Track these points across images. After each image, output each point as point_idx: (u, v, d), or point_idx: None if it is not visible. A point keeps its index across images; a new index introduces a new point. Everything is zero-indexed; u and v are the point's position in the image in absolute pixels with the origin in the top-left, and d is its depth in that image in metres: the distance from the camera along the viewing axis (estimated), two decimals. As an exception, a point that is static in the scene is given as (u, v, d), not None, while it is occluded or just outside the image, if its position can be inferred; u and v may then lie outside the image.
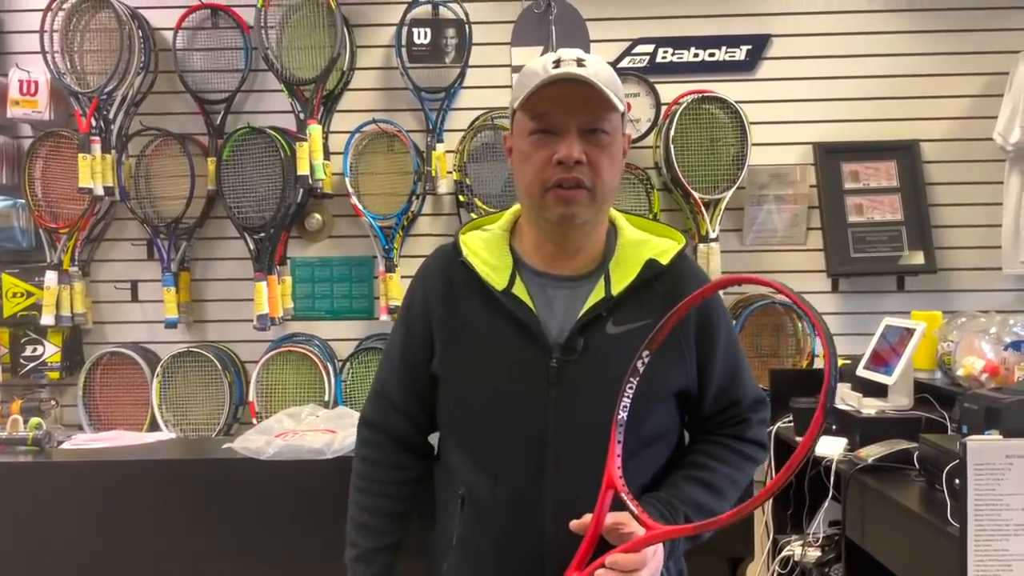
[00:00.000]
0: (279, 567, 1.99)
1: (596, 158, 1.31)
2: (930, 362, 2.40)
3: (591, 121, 1.31)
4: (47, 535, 2.00)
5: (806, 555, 2.33)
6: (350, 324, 3.29)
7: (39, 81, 3.13)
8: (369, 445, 1.51)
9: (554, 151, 1.30)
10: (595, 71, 1.31)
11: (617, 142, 1.36)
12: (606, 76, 1.32)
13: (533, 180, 1.33)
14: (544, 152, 1.31)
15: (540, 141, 1.32)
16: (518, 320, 1.35)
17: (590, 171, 1.31)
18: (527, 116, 1.33)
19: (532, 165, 1.33)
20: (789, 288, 1.15)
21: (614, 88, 1.32)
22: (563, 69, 1.29)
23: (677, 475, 1.40)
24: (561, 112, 1.31)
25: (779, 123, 3.20)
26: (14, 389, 3.21)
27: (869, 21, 3.20)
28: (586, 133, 1.31)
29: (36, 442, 2.15)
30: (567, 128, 1.31)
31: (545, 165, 1.31)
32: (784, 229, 3.22)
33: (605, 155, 1.33)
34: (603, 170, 1.32)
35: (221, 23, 3.20)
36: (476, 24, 3.14)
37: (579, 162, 1.30)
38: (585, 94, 1.29)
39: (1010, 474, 1.50)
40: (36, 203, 3.17)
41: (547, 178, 1.32)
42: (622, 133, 1.39)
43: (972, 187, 3.17)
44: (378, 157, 3.22)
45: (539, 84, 1.30)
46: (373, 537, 1.47)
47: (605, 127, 1.32)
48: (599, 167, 1.32)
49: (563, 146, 1.30)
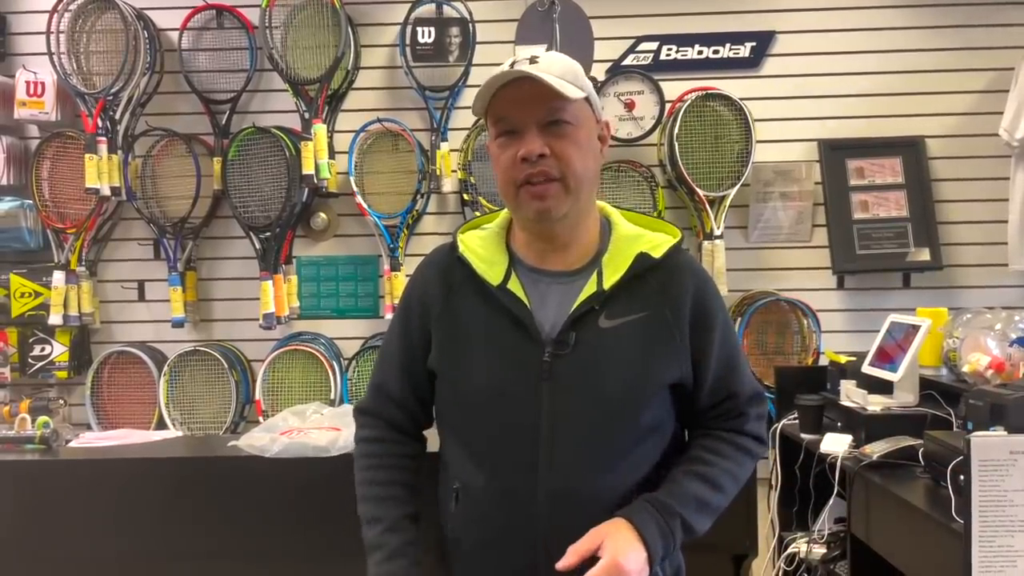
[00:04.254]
0: (284, 564, 2.00)
1: (561, 148, 1.33)
2: (935, 359, 2.40)
3: (547, 114, 1.33)
4: (55, 532, 2.02)
5: (812, 552, 2.33)
6: (355, 323, 3.30)
7: (45, 82, 3.14)
8: (368, 427, 1.52)
9: (518, 150, 1.33)
10: (547, 65, 1.33)
11: (583, 130, 1.37)
12: (560, 68, 1.34)
13: (505, 181, 1.37)
14: (510, 152, 1.34)
15: (506, 143, 1.35)
16: (512, 315, 1.37)
17: (557, 162, 1.33)
18: (491, 121, 1.38)
19: (502, 166, 1.36)
20: None
21: (570, 78, 1.34)
22: (515, 68, 1.32)
23: (677, 471, 1.40)
24: (518, 111, 1.33)
25: (784, 120, 3.19)
26: (22, 388, 3.22)
27: (873, 17, 3.19)
28: (546, 126, 1.33)
29: (44, 440, 2.16)
30: (526, 125, 1.33)
31: (512, 164, 1.34)
32: (789, 226, 3.22)
33: (570, 143, 1.34)
34: (571, 159, 1.34)
35: (226, 23, 3.21)
36: (480, 23, 3.14)
37: (543, 155, 1.32)
38: (536, 90, 1.31)
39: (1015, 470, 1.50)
40: (43, 203, 3.18)
41: (516, 176, 1.34)
42: (595, 120, 1.40)
43: (978, 183, 3.16)
44: (383, 156, 3.23)
45: (493, 88, 1.33)
46: (397, 506, 1.45)
47: (564, 117, 1.34)
48: (567, 157, 1.33)
49: (524, 144, 1.32)
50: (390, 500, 1.45)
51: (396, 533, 1.43)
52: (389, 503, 1.45)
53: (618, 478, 1.35)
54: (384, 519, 1.44)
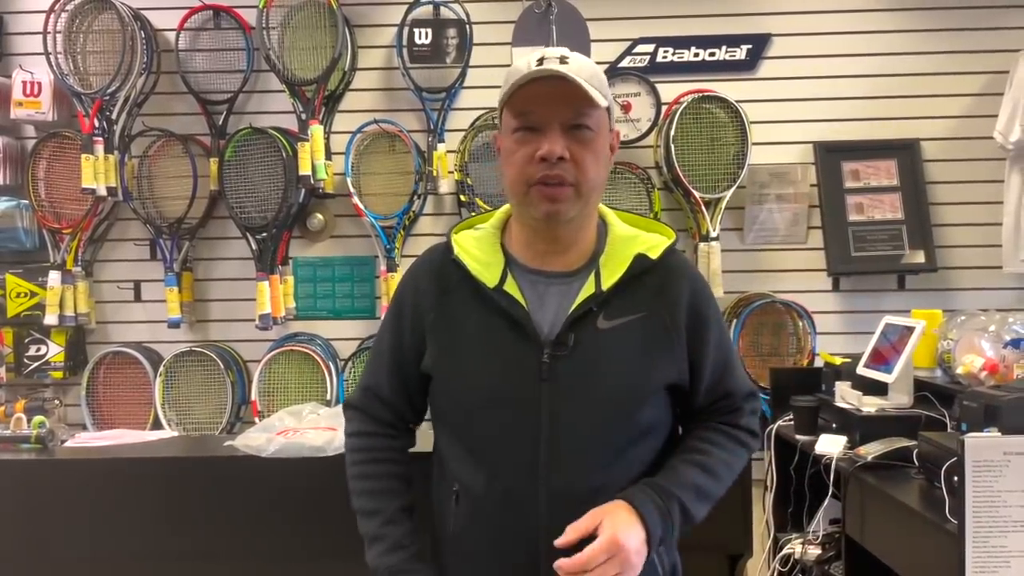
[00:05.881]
0: (280, 564, 2.00)
1: (579, 154, 1.32)
2: (930, 360, 2.40)
3: (573, 117, 1.32)
4: (50, 533, 2.01)
5: (806, 553, 2.34)
6: (352, 323, 3.30)
7: (42, 82, 3.14)
8: (358, 422, 1.52)
9: (537, 148, 1.31)
10: (578, 68, 1.32)
11: (601, 138, 1.37)
12: (589, 72, 1.33)
13: (517, 177, 1.35)
14: (527, 149, 1.32)
15: (524, 138, 1.33)
16: (510, 317, 1.36)
17: (574, 167, 1.32)
18: (511, 114, 1.35)
19: (516, 162, 1.34)
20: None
21: (597, 84, 1.33)
22: (545, 66, 1.31)
23: (674, 459, 1.41)
24: (543, 109, 1.32)
25: (779, 122, 3.20)
26: (18, 388, 3.22)
27: (869, 20, 3.20)
28: (569, 129, 1.32)
29: (39, 440, 2.16)
30: (550, 124, 1.32)
31: (528, 162, 1.32)
32: (785, 228, 3.22)
33: (589, 151, 1.33)
34: (587, 166, 1.33)
35: (223, 24, 3.21)
36: (477, 24, 3.15)
37: (562, 158, 1.31)
38: (567, 90, 1.30)
39: (1008, 471, 1.51)
40: (39, 204, 3.18)
41: (531, 175, 1.33)
42: (609, 129, 1.40)
43: (972, 186, 3.17)
44: (379, 157, 3.23)
45: (522, 81, 1.31)
46: (394, 498, 1.45)
47: (588, 123, 1.33)
48: (583, 163, 1.33)
49: (546, 142, 1.31)
50: (387, 492, 1.45)
51: (396, 524, 1.42)
52: (386, 495, 1.45)
53: (617, 478, 1.35)
54: (382, 511, 1.43)
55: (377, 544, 1.41)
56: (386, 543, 1.41)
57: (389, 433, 1.50)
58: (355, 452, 1.50)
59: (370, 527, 1.43)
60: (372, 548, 1.42)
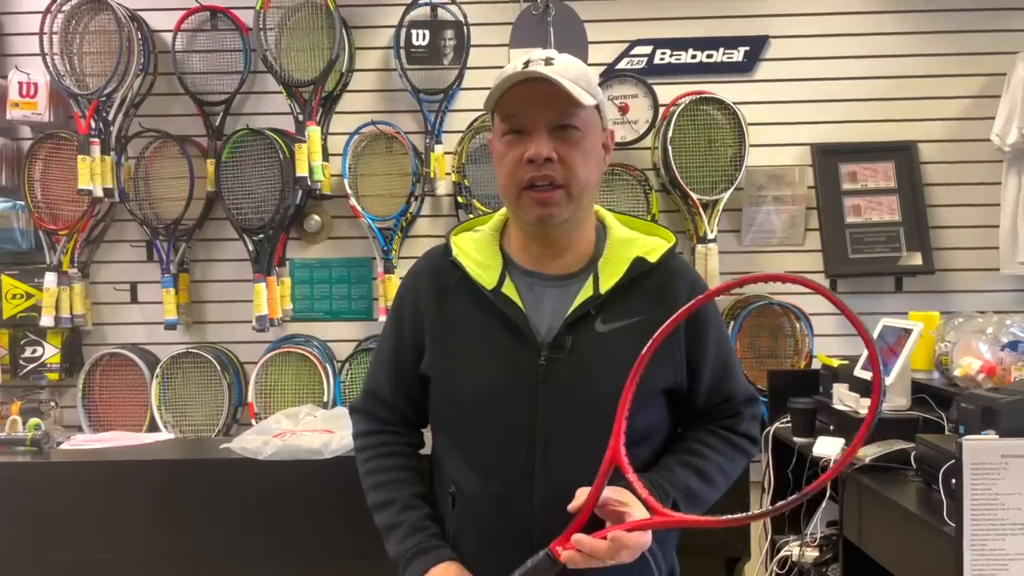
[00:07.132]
0: (277, 566, 1.99)
1: (568, 155, 1.32)
2: (927, 362, 2.40)
3: (559, 118, 1.32)
4: (46, 535, 2.01)
5: (804, 555, 2.33)
6: (349, 325, 3.29)
7: (38, 83, 3.14)
8: (364, 422, 1.52)
9: (525, 150, 1.32)
10: (563, 68, 1.32)
11: (591, 137, 1.36)
12: (575, 73, 1.33)
13: (508, 180, 1.35)
14: (516, 152, 1.33)
15: (512, 141, 1.34)
16: (507, 319, 1.36)
17: (562, 168, 1.32)
18: (499, 117, 1.36)
19: (506, 166, 1.35)
20: (822, 286, 1.18)
21: (584, 84, 1.33)
22: (530, 68, 1.31)
23: (671, 459, 1.40)
24: (529, 111, 1.32)
25: (777, 124, 3.21)
26: (13, 390, 3.21)
27: (867, 22, 3.20)
28: (556, 130, 1.32)
29: (35, 443, 2.15)
30: (536, 126, 1.32)
31: (517, 165, 1.33)
32: (782, 230, 3.23)
33: (577, 151, 1.33)
34: (576, 166, 1.33)
35: (220, 25, 3.21)
36: (474, 26, 3.14)
37: (549, 159, 1.31)
38: (551, 92, 1.30)
39: (1006, 473, 1.50)
40: (36, 205, 3.17)
41: (520, 178, 1.33)
42: (601, 128, 1.39)
43: (970, 188, 3.18)
44: (377, 158, 3.22)
45: (506, 85, 1.32)
46: (407, 486, 1.43)
47: (575, 123, 1.33)
48: (572, 163, 1.33)
49: (532, 144, 1.31)
50: (399, 482, 1.44)
51: (412, 510, 1.40)
52: (399, 485, 1.43)
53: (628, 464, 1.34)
54: (397, 500, 1.42)
55: (395, 532, 1.39)
56: (404, 528, 1.39)
57: (395, 431, 1.50)
58: (363, 451, 1.50)
59: (386, 517, 1.41)
60: (391, 537, 1.40)
